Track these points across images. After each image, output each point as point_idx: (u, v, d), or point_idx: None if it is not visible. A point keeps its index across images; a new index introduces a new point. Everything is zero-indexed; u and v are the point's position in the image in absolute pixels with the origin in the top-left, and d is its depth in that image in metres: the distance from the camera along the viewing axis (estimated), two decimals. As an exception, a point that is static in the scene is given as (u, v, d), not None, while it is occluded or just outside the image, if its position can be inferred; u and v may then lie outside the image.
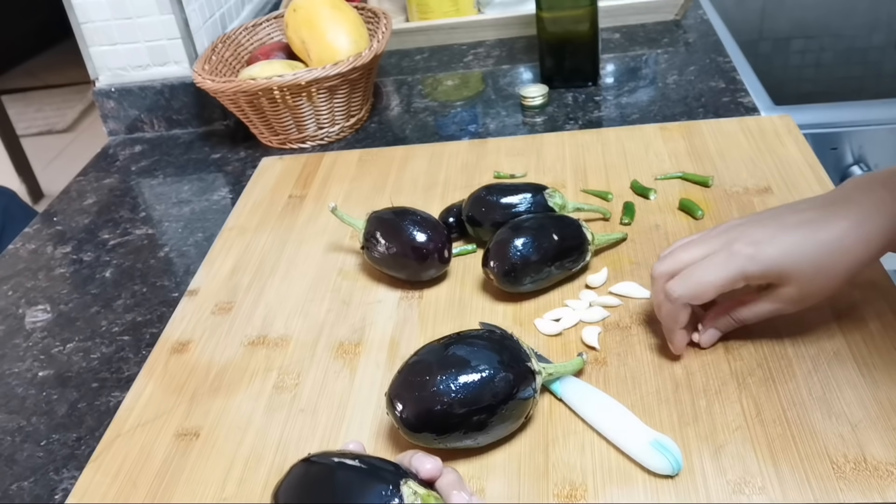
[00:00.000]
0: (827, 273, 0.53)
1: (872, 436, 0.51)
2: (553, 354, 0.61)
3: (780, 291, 0.54)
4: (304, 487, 0.46)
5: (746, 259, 0.53)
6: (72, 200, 1.00)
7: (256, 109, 0.97)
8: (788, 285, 0.53)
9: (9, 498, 0.59)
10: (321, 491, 0.44)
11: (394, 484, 0.43)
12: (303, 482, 0.46)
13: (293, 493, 0.46)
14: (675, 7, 1.19)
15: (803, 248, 0.52)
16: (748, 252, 0.53)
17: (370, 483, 0.44)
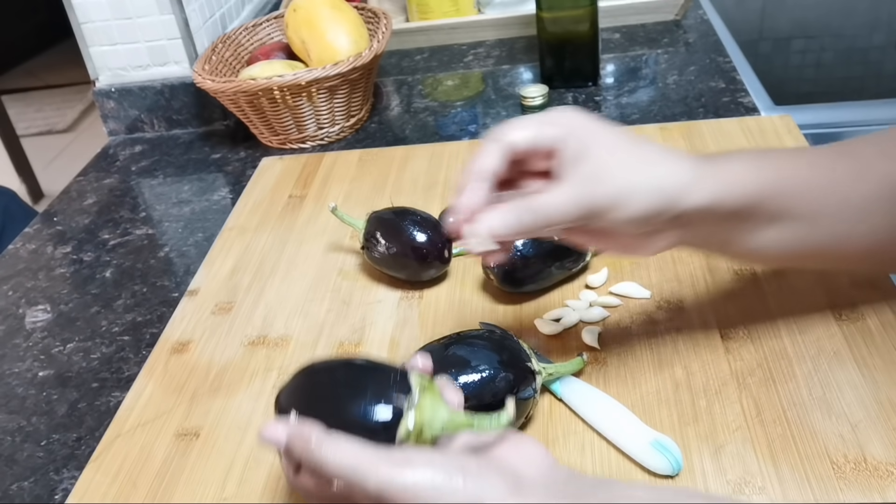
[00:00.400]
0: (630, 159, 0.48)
1: (872, 436, 0.51)
2: (553, 354, 0.61)
3: (576, 168, 0.47)
4: (308, 383, 0.46)
5: (566, 111, 0.49)
6: (72, 200, 1.00)
7: (256, 109, 0.97)
8: (587, 159, 0.47)
9: (9, 498, 0.59)
10: (325, 383, 0.45)
11: (401, 371, 0.44)
12: (308, 378, 0.46)
13: (297, 391, 0.46)
14: (675, 7, 1.19)
15: (621, 130, 0.49)
16: (569, 108, 0.50)
17: (377, 371, 0.44)
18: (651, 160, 0.48)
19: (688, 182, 0.48)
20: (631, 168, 0.47)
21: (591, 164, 0.47)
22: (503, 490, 0.39)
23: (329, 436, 0.41)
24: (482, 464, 0.40)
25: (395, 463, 0.39)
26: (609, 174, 0.47)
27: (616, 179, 0.47)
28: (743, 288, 0.64)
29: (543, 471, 0.42)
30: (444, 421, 0.43)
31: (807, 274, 0.64)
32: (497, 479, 0.39)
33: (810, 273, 0.64)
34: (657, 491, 0.41)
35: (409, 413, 0.42)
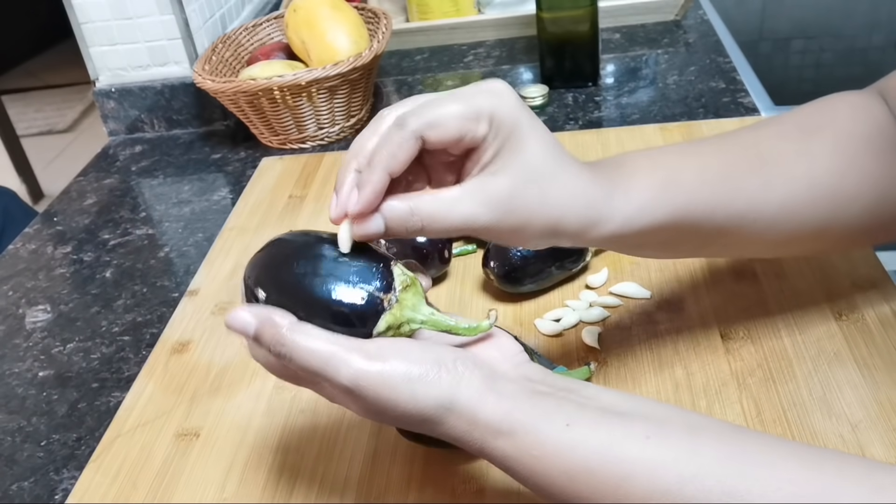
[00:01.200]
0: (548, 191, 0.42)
1: (872, 436, 0.51)
2: (553, 355, 0.61)
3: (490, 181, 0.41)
4: (283, 261, 0.42)
5: (499, 100, 0.41)
6: (72, 201, 1.00)
7: (256, 110, 0.97)
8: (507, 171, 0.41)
9: (9, 498, 0.59)
10: (304, 263, 0.41)
11: (384, 262, 0.42)
12: (282, 256, 0.42)
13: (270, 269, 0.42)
14: (675, 7, 1.19)
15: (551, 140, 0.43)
16: (502, 91, 0.41)
17: (359, 259, 0.41)
18: (565, 192, 0.42)
19: (592, 221, 0.43)
20: (543, 200, 0.41)
21: (505, 181, 0.41)
22: (478, 384, 0.39)
23: (301, 326, 0.39)
24: (458, 357, 0.40)
25: (369, 355, 0.38)
26: (519, 203, 0.41)
27: (524, 211, 0.41)
28: (743, 288, 0.64)
29: (518, 368, 0.42)
30: (424, 318, 0.42)
31: (807, 274, 0.64)
32: (472, 374, 0.39)
33: (810, 273, 0.64)
34: (628, 397, 0.40)
35: (389, 308, 0.41)
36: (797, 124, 0.52)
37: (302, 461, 0.56)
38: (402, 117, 0.40)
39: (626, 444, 0.37)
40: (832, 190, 0.50)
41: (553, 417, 0.38)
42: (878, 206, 0.51)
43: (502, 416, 0.38)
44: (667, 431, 0.37)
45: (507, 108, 0.41)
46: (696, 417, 0.40)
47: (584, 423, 0.38)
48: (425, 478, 0.53)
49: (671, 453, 0.36)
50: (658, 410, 0.39)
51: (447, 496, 0.51)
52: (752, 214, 0.48)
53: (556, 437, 0.38)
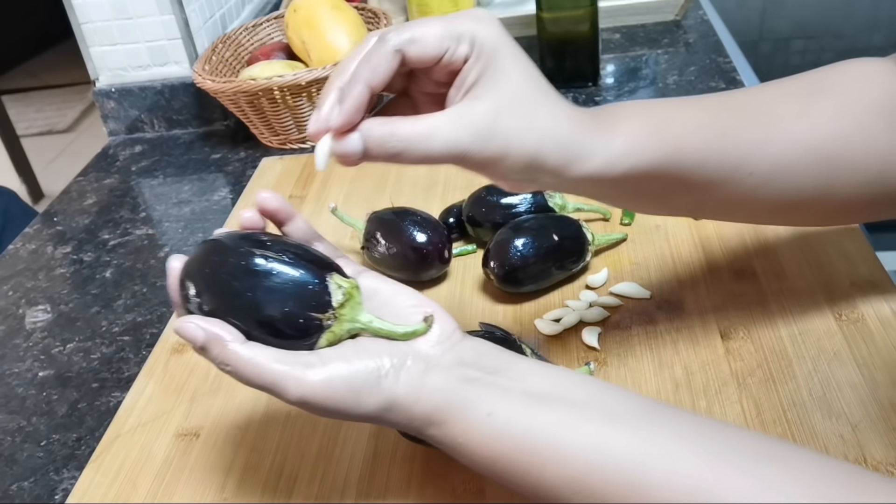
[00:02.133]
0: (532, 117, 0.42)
1: (872, 436, 0.51)
2: (553, 355, 0.61)
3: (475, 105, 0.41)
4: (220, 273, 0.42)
5: (482, 24, 0.42)
6: (72, 200, 1.00)
7: (257, 110, 0.97)
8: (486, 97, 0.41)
9: (9, 498, 0.59)
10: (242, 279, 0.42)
11: (320, 278, 0.43)
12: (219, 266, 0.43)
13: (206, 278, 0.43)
14: (675, 7, 1.19)
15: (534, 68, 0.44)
16: (486, 17, 0.42)
17: (298, 273, 0.42)
18: (549, 119, 0.43)
19: (575, 154, 0.43)
20: (526, 125, 0.42)
21: (487, 105, 0.41)
22: (413, 383, 0.41)
23: (245, 345, 0.41)
24: (394, 357, 0.42)
25: (314, 370, 0.40)
26: (501, 127, 0.41)
27: (506, 136, 0.41)
28: (743, 288, 0.64)
29: (452, 349, 0.43)
30: (363, 326, 0.43)
31: (807, 274, 0.64)
32: (408, 374, 0.41)
33: (810, 273, 0.64)
34: (553, 378, 0.42)
35: (328, 327, 0.42)
36: (802, 86, 0.51)
37: (302, 461, 0.56)
38: (383, 34, 0.41)
39: (542, 433, 0.39)
40: (834, 154, 0.48)
41: (477, 406, 0.40)
42: (885, 176, 0.49)
43: (433, 409, 0.41)
44: (581, 420, 0.39)
45: (488, 32, 0.41)
46: (614, 402, 0.40)
47: (505, 412, 0.40)
48: (425, 478, 0.53)
49: (581, 442, 0.38)
50: (579, 394, 0.41)
51: (447, 496, 0.51)
52: (746, 168, 0.47)
53: (478, 425, 0.40)
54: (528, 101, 0.42)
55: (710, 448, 0.37)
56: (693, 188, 0.48)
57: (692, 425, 0.39)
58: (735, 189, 0.48)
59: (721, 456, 0.37)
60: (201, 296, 0.43)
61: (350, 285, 0.43)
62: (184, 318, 0.42)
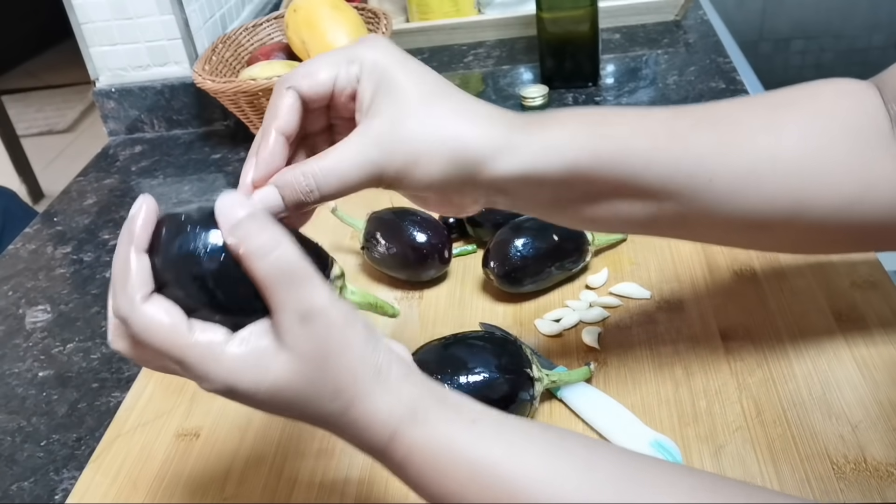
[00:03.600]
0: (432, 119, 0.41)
1: (872, 436, 0.51)
2: (553, 355, 0.61)
3: (372, 121, 0.41)
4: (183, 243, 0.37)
5: (370, 46, 0.42)
6: (72, 200, 1.00)
7: (257, 110, 0.97)
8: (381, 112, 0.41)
9: (9, 498, 0.59)
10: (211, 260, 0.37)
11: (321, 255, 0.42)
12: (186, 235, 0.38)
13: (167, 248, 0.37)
14: (675, 7, 1.19)
15: (430, 74, 0.43)
16: (375, 38, 0.43)
17: None
18: (456, 116, 0.42)
19: (497, 146, 0.42)
20: (430, 125, 0.41)
21: (385, 117, 0.41)
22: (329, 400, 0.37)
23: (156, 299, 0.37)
24: None
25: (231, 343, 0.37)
26: (404, 133, 0.41)
27: (411, 140, 0.41)
28: (743, 288, 0.64)
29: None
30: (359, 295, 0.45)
31: (807, 274, 0.64)
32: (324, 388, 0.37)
33: (810, 273, 0.64)
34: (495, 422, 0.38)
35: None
36: (769, 100, 0.48)
37: (302, 461, 0.56)
38: (282, 80, 0.42)
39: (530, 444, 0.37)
40: (804, 170, 0.45)
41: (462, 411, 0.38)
42: (858, 202, 0.45)
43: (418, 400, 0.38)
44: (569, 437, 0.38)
45: (376, 51, 0.42)
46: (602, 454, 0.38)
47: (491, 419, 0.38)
48: (425, 478, 0.53)
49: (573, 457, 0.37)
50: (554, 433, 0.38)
51: (447, 496, 0.51)
52: (704, 173, 0.44)
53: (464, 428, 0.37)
54: (426, 105, 0.41)
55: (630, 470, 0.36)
56: (643, 195, 0.44)
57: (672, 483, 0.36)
58: (694, 198, 0.44)
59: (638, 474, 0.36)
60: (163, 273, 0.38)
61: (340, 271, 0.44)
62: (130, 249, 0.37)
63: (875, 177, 0.45)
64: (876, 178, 0.45)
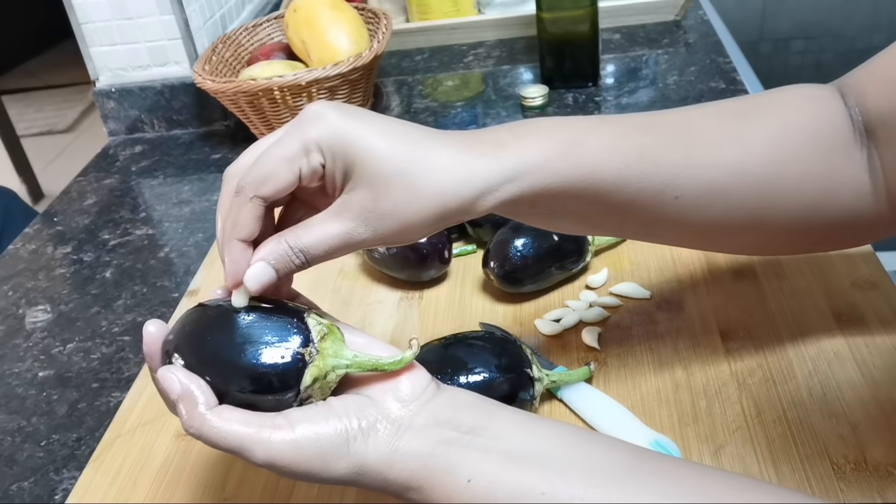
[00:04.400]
0: (412, 186, 0.41)
1: (873, 436, 0.51)
2: (553, 355, 0.61)
3: (352, 198, 0.41)
4: (199, 332, 0.42)
5: (321, 124, 0.41)
6: (72, 201, 1.00)
7: (257, 110, 0.97)
8: (360, 183, 0.41)
9: (9, 498, 0.59)
10: (220, 333, 0.42)
11: (297, 317, 0.42)
12: (198, 326, 0.43)
13: (188, 340, 0.42)
14: (675, 7, 1.19)
15: (394, 134, 0.41)
16: (322, 113, 0.41)
17: (272, 319, 0.42)
18: (434, 172, 0.41)
19: (479, 191, 0.42)
20: (411, 192, 0.40)
21: (365, 192, 0.41)
22: (384, 448, 0.39)
23: (213, 409, 0.40)
24: (364, 419, 0.40)
25: (282, 432, 0.39)
26: (387, 205, 0.40)
27: (395, 212, 0.41)
28: (743, 288, 0.64)
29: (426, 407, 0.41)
30: (348, 362, 0.42)
31: (807, 274, 0.64)
32: (377, 438, 0.40)
33: (810, 273, 0.64)
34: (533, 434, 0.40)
35: (311, 361, 0.41)
36: (738, 109, 0.48)
37: (302, 461, 0.56)
38: (239, 185, 0.42)
39: (524, 498, 0.38)
40: (769, 179, 0.46)
41: (456, 472, 0.39)
42: (821, 206, 0.47)
43: (410, 475, 0.39)
44: (563, 483, 0.38)
45: (331, 128, 0.40)
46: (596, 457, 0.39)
47: (485, 478, 0.38)
48: (425, 478, 0.53)
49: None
50: (560, 451, 0.39)
51: (447, 496, 0.51)
52: (671, 191, 0.45)
53: (459, 492, 0.39)
54: (401, 171, 0.40)
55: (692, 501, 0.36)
56: (614, 210, 0.45)
57: (675, 476, 0.38)
58: (661, 212, 0.46)
59: None
60: (179, 353, 0.42)
61: (329, 322, 0.43)
62: (166, 367, 0.41)
63: (837, 181, 0.47)
64: (838, 182, 0.47)
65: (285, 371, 0.40)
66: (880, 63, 0.48)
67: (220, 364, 0.41)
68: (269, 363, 0.40)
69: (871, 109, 0.46)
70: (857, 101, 0.47)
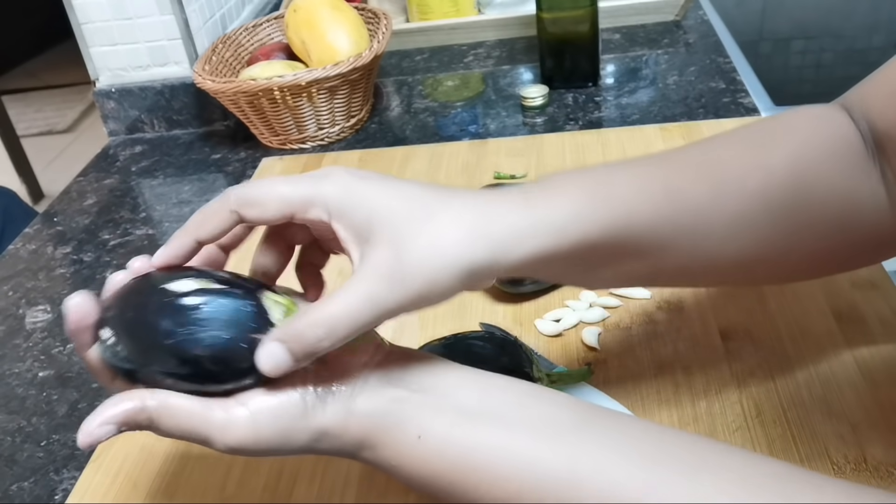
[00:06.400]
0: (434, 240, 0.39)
1: (873, 436, 0.51)
2: (553, 355, 0.61)
3: (372, 258, 0.39)
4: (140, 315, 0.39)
5: (329, 180, 0.40)
6: (72, 201, 1.00)
7: (257, 110, 0.97)
8: (380, 242, 0.39)
9: (9, 498, 0.59)
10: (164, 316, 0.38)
11: (252, 297, 0.39)
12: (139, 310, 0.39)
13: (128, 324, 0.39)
14: (675, 7, 1.19)
15: (411, 192, 0.40)
16: (337, 173, 0.40)
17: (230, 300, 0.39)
18: (458, 227, 0.39)
19: (506, 245, 0.40)
20: (436, 247, 0.38)
21: (387, 250, 0.38)
22: (340, 411, 0.39)
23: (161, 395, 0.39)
24: (318, 387, 0.39)
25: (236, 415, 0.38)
26: (411, 263, 0.38)
27: (421, 271, 0.38)
28: (743, 288, 0.64)
29: (380, 367, 0.41)
30: None
31: (807, 274, 0.64)
32: (334, 402, 0.39)
33: (810, 273, 0.64)
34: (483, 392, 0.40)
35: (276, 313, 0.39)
36: (755, 136, 0.48)
37: (302, 461, 0.56)
38: (229, 190, 0.41)
39: (474, 454, 0.38)
40: (792, 206, 0.45)
41: (407, 429, 0.39)
42: (844, 226, 0.47)
43: (364, 434, 0.39)
44: (512, 437, 0.38)
45: (344, 188, 0.39)
46: (547, 414, 0.39)
47: (436, 434, 0.39)
48: (425, 478, 0.53)
49: (512, 461, 0.37)
50: (511, 408, 0.39)
51: (447, 496, 0.51)
52: (701, 230, 0.44)
53: (410, 448, 0.39)
54: (422, 224, 0.39)
55: (640, 459, 0.36)
56: (647, 254, 0.44)
57: (625, 435, 0.38)
58: (694, 252, 0.45)
59: (650, 469, 0.36)
60: (119, 342, 0.39)
61: (287, 300, 0.41)
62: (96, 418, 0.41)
63: (858, 198, 0.46)
64: (859, 199, 0.46)
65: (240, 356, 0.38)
66: (882, 77, 0.48)
67: (169, 354, 0.38)
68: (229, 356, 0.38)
69: (877, 124, 0.46)
70: (863, 117, 0.47)
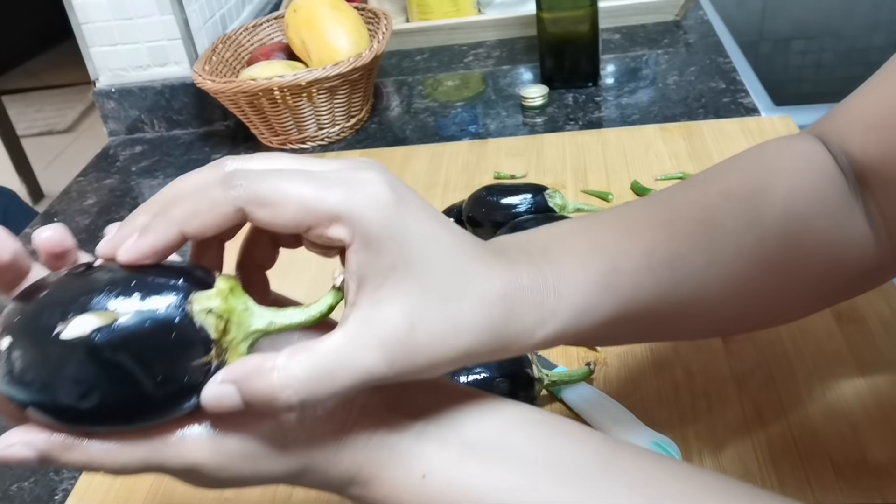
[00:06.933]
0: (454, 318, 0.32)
1: (873, 437, 0.51)
2: (553, 355, 0.61)
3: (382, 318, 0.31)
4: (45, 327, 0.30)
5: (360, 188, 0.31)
6: (72, 201, 1.00)
7: (257, 110, 0.97)
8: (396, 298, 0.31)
9: (9, 498, 0.59)
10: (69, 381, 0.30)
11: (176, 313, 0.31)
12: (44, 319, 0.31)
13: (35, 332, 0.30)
14: (675, 7, 1.19)
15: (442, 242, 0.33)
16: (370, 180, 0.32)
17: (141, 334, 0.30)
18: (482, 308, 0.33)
19: (519, 337, 0.35)
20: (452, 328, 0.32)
21: (401, 312, 0.31)
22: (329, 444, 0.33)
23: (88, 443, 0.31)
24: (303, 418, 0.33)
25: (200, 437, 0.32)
26: (422, 338, 0.31)
27: (431, 351, 0.32)
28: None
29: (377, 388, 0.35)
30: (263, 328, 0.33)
31: (807, 274, 0.64)
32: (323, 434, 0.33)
33: (810, 273, 0.64)
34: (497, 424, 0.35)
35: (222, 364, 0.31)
36: (746, 188, 0.46)
37: (302, 461, 0.56)
38: (233, 175, 0.31)
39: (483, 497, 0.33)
40: (784, 260, 0.44)
41: (409, 466, 0.33)
42: (833, 272, 0.46)
43: (356, 471, 0.34)
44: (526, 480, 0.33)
45: (377, 212, 0.31)
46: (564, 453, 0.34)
47: (441, 472, 0.33)
48: (425, 478, 0.53)
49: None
50: (524, 443, 0.34)
51: (447, 496, 0.51)
52: (697, 297, 0.43)
53: (413, 489, 0.33)
54: (453, 290, 0.32)
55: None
56: (647, 327, 0.43)
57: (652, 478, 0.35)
58: (690, 317, 0.44)
59: None
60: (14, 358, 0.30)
61: (220, 295, 0.32)
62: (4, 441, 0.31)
63: (845, 242, 0.45)
64: (846, 242, 0.45)
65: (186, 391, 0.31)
66: (857, 106, 0.46)
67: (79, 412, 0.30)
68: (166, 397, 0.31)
69: (858, 158, 0.45)
70: (841, 150, 0.46)
